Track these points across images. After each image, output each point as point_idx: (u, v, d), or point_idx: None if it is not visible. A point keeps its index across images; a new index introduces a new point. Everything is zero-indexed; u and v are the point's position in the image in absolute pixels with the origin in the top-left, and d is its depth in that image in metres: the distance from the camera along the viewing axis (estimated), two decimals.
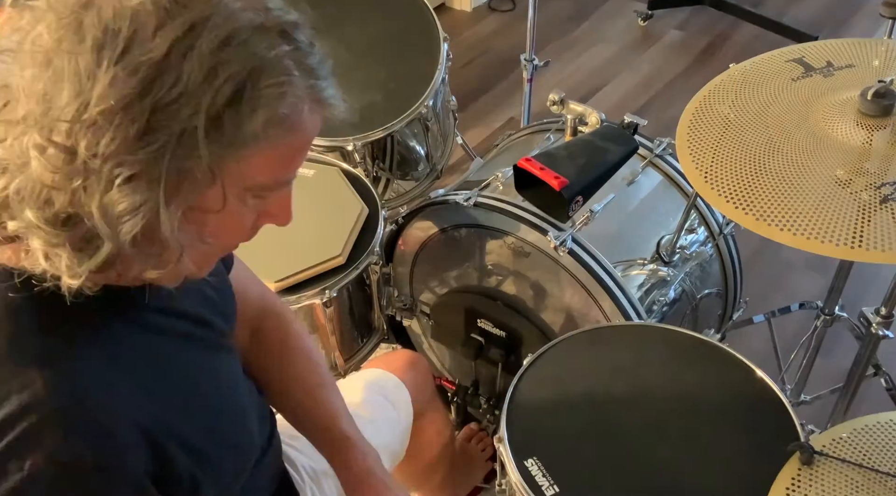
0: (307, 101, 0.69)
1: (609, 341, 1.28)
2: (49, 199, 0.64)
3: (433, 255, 1.66)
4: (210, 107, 0.63)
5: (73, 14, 0.62)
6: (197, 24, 0.62)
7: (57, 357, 0.70)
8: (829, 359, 1.89)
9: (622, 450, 1.11)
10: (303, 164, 0.76)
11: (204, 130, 0.63)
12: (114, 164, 0.62)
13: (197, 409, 0.81)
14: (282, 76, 0.66)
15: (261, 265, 1.44)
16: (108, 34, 0.61)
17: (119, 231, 0.65)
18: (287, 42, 0.67)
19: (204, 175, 0.65)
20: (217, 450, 0.82)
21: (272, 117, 0.66)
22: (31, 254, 0.67)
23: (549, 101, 1.57)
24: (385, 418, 1.28)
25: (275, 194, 0.75)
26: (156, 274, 0.71)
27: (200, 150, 0.64)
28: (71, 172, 0.63)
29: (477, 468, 1.74)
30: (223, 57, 0.63)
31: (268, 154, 0.68)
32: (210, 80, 0.62)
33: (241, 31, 0.64)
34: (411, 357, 1.43)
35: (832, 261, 1.78)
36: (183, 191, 0.66)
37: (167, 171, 0.63)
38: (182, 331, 0.84)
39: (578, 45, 3.18)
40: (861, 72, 1.22)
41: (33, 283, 0.68)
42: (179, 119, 0.62)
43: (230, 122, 0.64)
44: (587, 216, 1.41)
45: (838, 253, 0.99)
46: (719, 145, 1.15)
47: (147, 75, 0.61)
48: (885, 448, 1.00)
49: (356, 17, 1.86)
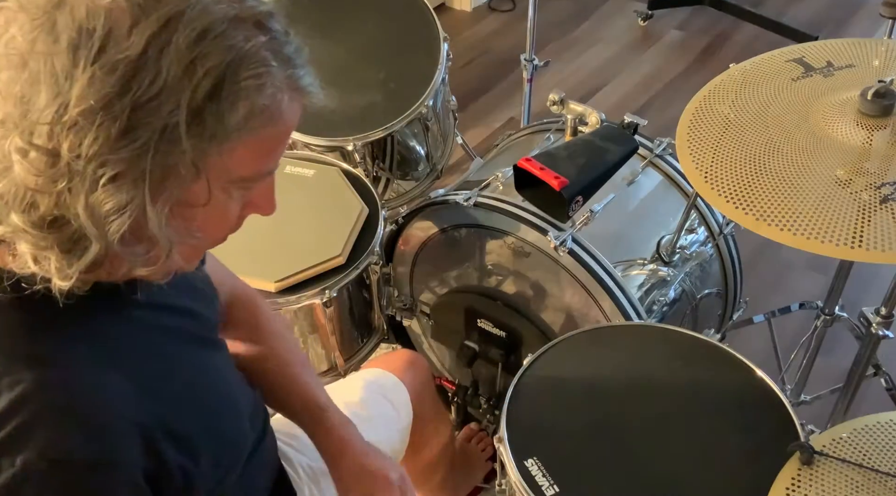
0: (286, 90, 0.69)
1: (609, 341, 1.28)
2: (34, 203, 0.64)
3: (433, 255, 1.66)
4: (191, 101, 0.63)
5: (45, 14, 0.62)
6: (172, 19, 0.62)
7: (46, 355, 0.70)
8: (829, 359, 1.89)
9: (622, 450, 1.11)
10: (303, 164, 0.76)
11: (186, 125, 0.63)
12: (97, 164, 0.62)
13: (189, 404, 0.81)
14: (260, 67, 0.66)
15: (261, 265, 1.45)
16: (82, 34, 0.61)
17: (107, 231, 0.65)
18: (263, 32, 0.67)
19: (188, 170, 0.66)
20: (209, 444, 0.82)
21: (253, 109, 0.66)
22: (19, 258, 0.67)
23: (549, 101, 1.57)
24: (384, 417, 1.28)
25: (259, 185, 0.75)
26: (146, 271, 0.71)
27: (183, 145, 0.64)
28: (55, 175, 0.62)
29: (477, 468, 1.74)
30: (201, 51, 0.63)
31: (250, 145, 0.68)
32: (189, 75, 0.62)
33: (217, 24, 0.64)
34: (411, 357, 1.43)
35: (832, 261, 1.78)
36: (168, 187, 0.66)
37: (151, 167, 0.64)
38: (173, 326, 0.84)
39: (578, 45, 3.18)
40: (861, 72, 1.22)
41: (22, 286, 0.68)
42: (160, 115, 0.62)
43: (211, 116, 0.64)
44: (587, 216, 1.41)
45: (838, 253, 0.99)
46: (719, 145, 1.15)
47: (125, 73, 0.61)
48: (885, 448, 1.00)
49: (356, 17, 1.86)
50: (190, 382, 0.84)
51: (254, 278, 1.42)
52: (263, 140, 0.69)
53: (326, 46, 1.81)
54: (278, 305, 1.44)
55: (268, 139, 0.70)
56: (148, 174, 0.64)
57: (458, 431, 1.78)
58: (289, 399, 1.08)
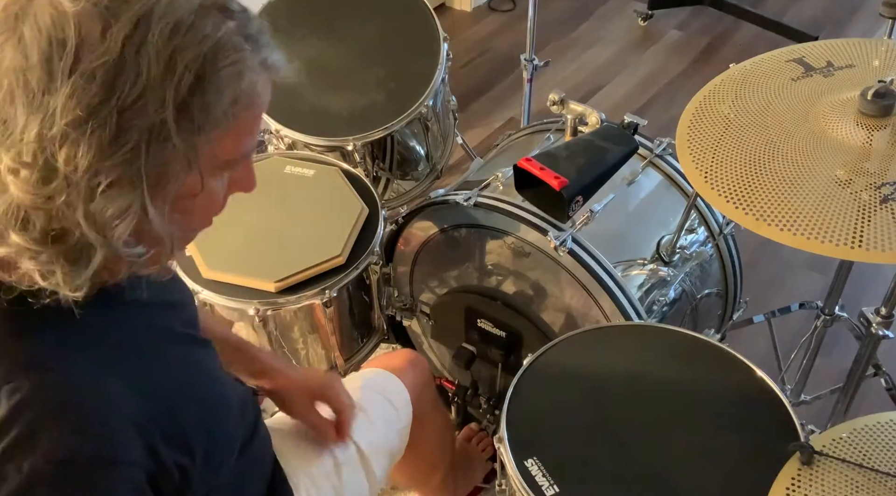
0: (260, 72, 0.70)
1: (609, 341, 1.28)
2: (31, 219, 0.64)
3: (433, 255, 1.66)
4: (175, 97, 0.64)
5: (9, 30, 0.61)
6: (142, 17, 0.62)
7: (43, 360, 0.70)
8: (829, 359, 1.89)
9: (622, 450, 1.11)
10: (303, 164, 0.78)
11: (174, 121, 0.64)
12: (92, 173, 0.63)
13: (184, 401, 0.82)
14: (235, 54, 0.67)
15: (261, 265, 1.45)
16: (53, 45, 0.61)
17: (111, 237, 0.65)
18: (228, 17, 0.68)
19: (181, 164, 0.67)
20: (203, 439, 0.83)
21: (235, 96, 0.68)
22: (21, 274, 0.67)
23: (550, 101, 1.57)
24: (384, 417, 1.28)
25: (242, 164, 0.76)
26: (149, 269, 0.71)
27: (174, 140, 0.65)
28: (52, 190, 0.63)
29: (477, 468, 1.74)
30: (177, 45, 0.63)
31: (234, 129, 0.70)
32: (170, 71, 0.63)
33: (187, 17, 0.65)
34: (411, 357, 1.43)
35: (832, 261, 1.78)
36: (165, 184, 0.67)
37: (146, 168, 0.64)
38: (164, 325, 0.86)
39: (578, 45, 3.18)
40: (861, 72, 1.22)
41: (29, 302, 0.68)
42: (147, 114, 0.63)
43: (197, 109, 0.65)
44: (587, 216, 1.41)
45: (838, 253, 0.99)
46: (719, 145, 1.15)
47: (106, 79, 0.61)
48: (885, 448, 1.00)
49: (356, 17, 1.86)
50: (184, 380, 0.84)
51: (254, 278, 1.43)
52: (245, 122, 0.71)
53: (326, 46, 1.81)
54: (278, 305, 1.44)
55: (249, 120, 0.72)
56: (144, 175, 0.64)
57: (458, 431, 1.78)
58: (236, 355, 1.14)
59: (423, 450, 1.44)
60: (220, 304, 1.43)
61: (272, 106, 0.74)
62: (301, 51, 1.79)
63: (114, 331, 0.77)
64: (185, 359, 0.87)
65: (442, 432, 1.51)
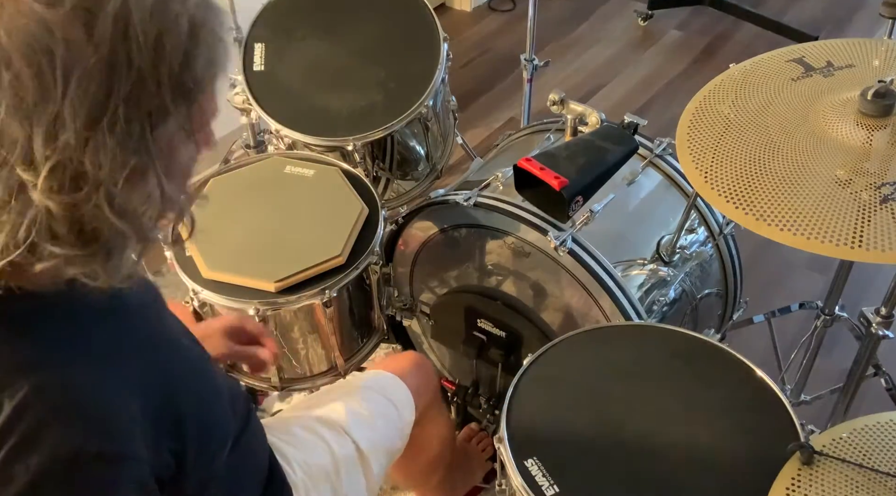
0: (218, 20, 0.72)
1: (609, 341, 1.28)
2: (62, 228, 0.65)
3: (433, 255, 1.66)
4: (170, 77, 0.66)
5: None
6: (119, 11, 0.63)
7: (41, 360, 0.71)
8: (829, 359, 1.89)
9: (622, 450, 1.11)
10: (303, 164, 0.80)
11: (171, 101, 0.66)
12: (118, 167, 0.64)
13: (179, 394, 0.83)
14: (207, 24, 0.69)
15: (261, 265, 1.45)
16: (41, 56, 0.61)
17: (141, 224, 0.68)
18: None
19: (181, 137, 0.70)
20: (196, 431, 0.83)
21: (213, 61, 0.71)
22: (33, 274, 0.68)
23: (550, 101, 1.57)
24: (384, 416, 1.28)
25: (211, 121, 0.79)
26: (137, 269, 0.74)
27: (174, 116, 0.67)
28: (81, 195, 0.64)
29: (477, 468, 1.74)
30: (160, 30, 0.65)
31: (211, 87, 0.73)
32: (160, 54, 0.65)
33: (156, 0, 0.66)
34: (417, 358, 1.43)
35: (832, 261, 1.78)
36: (175, 159, 0.71)
37: (155, 150, 0.67)
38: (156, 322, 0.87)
39: (578, 45, 3.18)
40: (861, 72, 1.22)
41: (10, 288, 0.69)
42: (148, 98, 0.65)
43: (190, 81, 0.68)
44: (587, 216, 1.41)
45: (838, 253, 0.99)
46: (719, 145, 1.15)
47: (103, 76, 0.62)
48: (885, 448, 1.00)
49: (356, 17, 1.85)
50: (178, 374, 0.85)
51: (254, 278, 1.43)
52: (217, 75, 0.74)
53: (326, 46, 1.81)
54: (278, 305, 1.44)
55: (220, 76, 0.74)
56: (155, 157, 0.67)
57: (458, 431, 1.78)
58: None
59: (424, 450, 1.44)
60: (220, 304, 1.43)
61: (272, 106, 0.76)
62: (301, 51, 1.79)
63: (110, 331, 0.77)
64: (179, 354, 0.88)
65: (443, 432, 1.51)
